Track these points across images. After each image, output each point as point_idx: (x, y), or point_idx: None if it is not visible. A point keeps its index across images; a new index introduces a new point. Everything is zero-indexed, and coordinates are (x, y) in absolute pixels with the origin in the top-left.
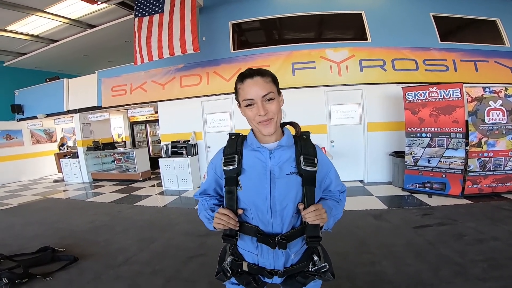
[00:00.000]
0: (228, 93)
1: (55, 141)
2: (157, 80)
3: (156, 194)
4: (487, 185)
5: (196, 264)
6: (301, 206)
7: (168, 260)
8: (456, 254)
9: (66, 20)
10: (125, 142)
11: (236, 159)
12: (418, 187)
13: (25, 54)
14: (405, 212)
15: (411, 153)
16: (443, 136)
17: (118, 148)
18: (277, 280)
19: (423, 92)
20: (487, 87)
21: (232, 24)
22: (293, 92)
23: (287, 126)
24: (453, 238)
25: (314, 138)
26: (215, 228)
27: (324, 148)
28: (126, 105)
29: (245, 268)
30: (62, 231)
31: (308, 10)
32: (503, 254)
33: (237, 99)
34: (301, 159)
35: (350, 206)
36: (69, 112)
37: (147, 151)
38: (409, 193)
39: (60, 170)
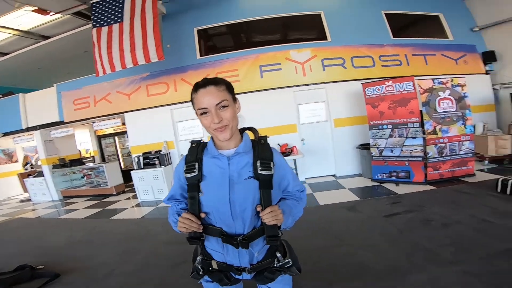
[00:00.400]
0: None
1: (16, 161)
2: (122, 90)
3: (132, 207)
4: (447, 170)
5: (182, 270)
6: (259, 208)
7: (153, 270)
8: (425, 240)
9: (16, 32)
10: (93, 157)
11: (197, 166)
12: (386, 176)
13: None
14: (376, 202)
15: (375, 145)
16: (402, 126)
17: (86, 164)
18: (246, 276)
19: (380, 87)
20: (436, 78)
21: (197, 30)
22: (262, 94)
23: (247, 131)
24: (421, 224)
25: (285, 138)
26: (180, 231)
27: (295, 146)
28: (91, 118)
29: (214, 266)
30: (38, 249)
31: (272, 12)
32: (467, 237)
33: (194, 108)
34: (258, 164)
35: (325, 201)
36: (28, 129)
37: (118, 164)
38: (378, 183)
39: (25, 189)
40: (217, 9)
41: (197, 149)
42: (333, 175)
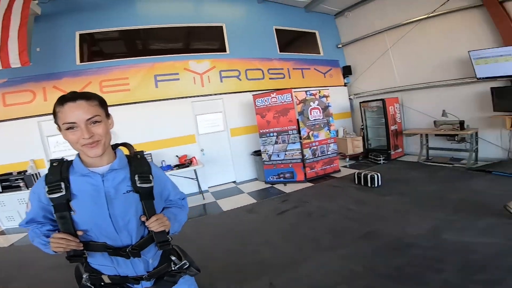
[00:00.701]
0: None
1: None
2: None
3: None
4: (320, 168)
5: None
6: (143, 218)
7: None
8: (310, 231)
9: None
10: None
11: (63, 186)
12: (276, 178)
13: None
14: (270, 202)
15: (265, 151)
16: (284, 133)
17: None
18: (146, 284)
19: (267, 98)
20: (308, 90)
21: (80, 34)
22: (157, 104)
23: (120, 147)
24: (305, 217)
25: (184, 149)
26: (55, 252)
27: (194, 157)
28: None
29: (107, 280)
30: None
31: (175, 22)
32: (340, 224)
33: (56, 122)
34: (136, 178)
35: (228, 206)
36: None
37: None
38: (270, 185)
39: None
40: (110, 13)
41: (61, 168)
42: (234, 182)
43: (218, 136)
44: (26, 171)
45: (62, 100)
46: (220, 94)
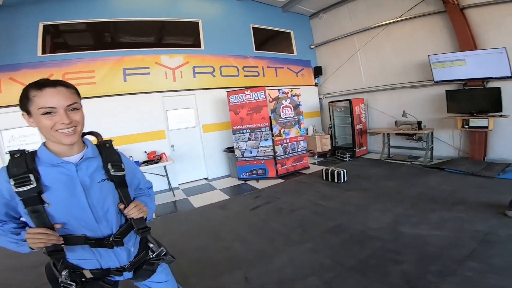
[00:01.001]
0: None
1: None
2: None
3: None
4: (290, 165)
5: None
6: (121, 206)
7: None
8: (281, 226)
9: None
10: None
11: (33, 177)
12: (248, 175)
13: None
14: (243, 198)
15: (238, 147)
16: (257, 130)
17: None
18: (128, 275)
19: (241, 95)
20: (280, 89)
21: (44, 25)
22: (125, 98)
23: (87, 136)
24: (276, 212)
25: (153, 145)
26: (32, 248)
27: (164, 153)
28: None
29: (88, 275)
30: None
31: (149, 15)
32: (308, 219)
33: (24, 107)
34: (109, 166)
35: (200, 203)
36: None
37: None
38: (243, 181)
39: None
40: (78, 4)
41: (25, 159)
42: (206, 178)
43: (189, 132)
44: None
45: (40, 85)
46: (193, 90)
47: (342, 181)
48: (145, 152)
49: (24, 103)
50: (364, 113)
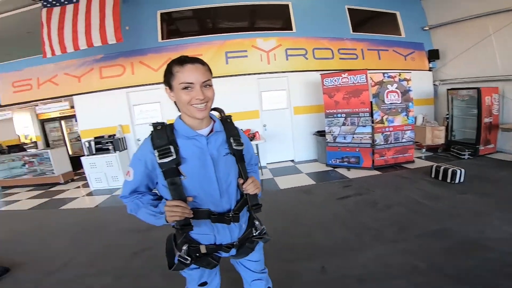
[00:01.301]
0: (157, 83)
1: None
2: (71, 73)
3: (84, 196)
4: (391, 156)
5: (143, 258)
6: (241, 181)
7: (113, 259)
8: (372, 220)
9: None
10: (35, 142)
11: (173, 149)
12: (339, 162)
13: None
14: (330, 185)
15: (330, 132)
16: (354, 115)
17: (28, 150)
18: (233, 252)
19: (337, 78)
20: (386, 73)
21: (161, 13)
22: (227, 80)
23: (212, 112)
24: (368, 206)
25: (248, 123)
26: (167, 222)
27: (258, 132)
28: (33, 101)
29: (203, 251)
30: None
31: (239, 0)
32: (406, 217)
33: (168, 82)
34: (232, 140)
35: (285, 185)
36: None
37: (66, 151)
38: (332, 168)
39: None
40: None
41: (166, 131)
42: (292, 160)
43: (280, 113)
44: (114, 135)
45: (182, 62)
46: (285, 72)
47: (456, 181)
48: (241, 129)
49: (168, 78)
50: (497, 105)
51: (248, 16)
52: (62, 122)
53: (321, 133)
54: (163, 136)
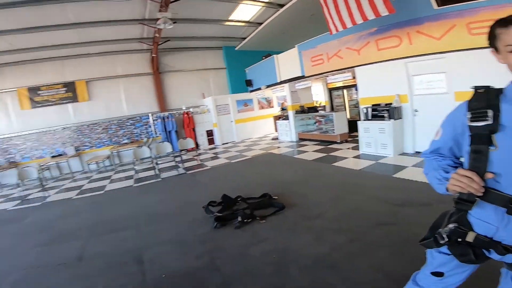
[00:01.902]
0: (441, 52)
1: (272, 106)
2: (351, 47)
3: (353, 157)
4: None
5: (382, 231)
6: None
7: (355, 222)
8: None
9: (263, 4)
10: (324, 106)
11: (491, 114)
12: None
13: (245, 38)
14: None
15: None
16: None
17: (319, 111)
18: (509, 258)
19: None
20: None
21: None
22: None
23: None
24: None
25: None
26: (447, 191)
27: None
28: (325, 73)
29: (469, 239)
30: (275, 182)
31: None
32: None
33: (493, 44)
34: None
35: None
36: (281, 82)
37: (345, 115)
38: None
39: (276, 129)
40: None
41: (487, 95)
42: None
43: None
44: (391, 103)
45: (506, 22)
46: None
47: None
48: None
49: (491, 40)
50: None
51: None
52: (344, 90)
53: None
54: (481, 99)
